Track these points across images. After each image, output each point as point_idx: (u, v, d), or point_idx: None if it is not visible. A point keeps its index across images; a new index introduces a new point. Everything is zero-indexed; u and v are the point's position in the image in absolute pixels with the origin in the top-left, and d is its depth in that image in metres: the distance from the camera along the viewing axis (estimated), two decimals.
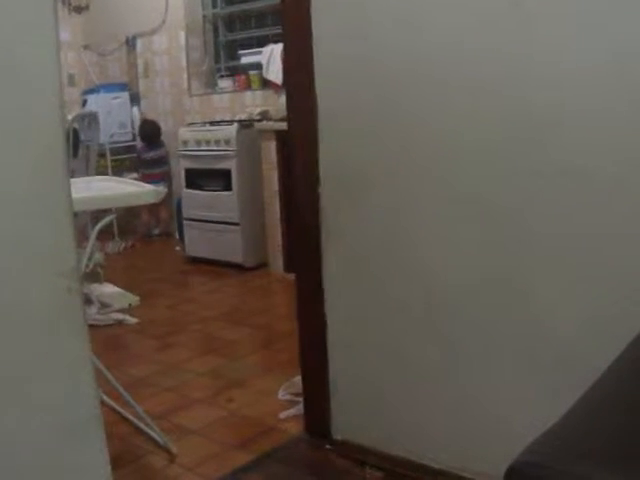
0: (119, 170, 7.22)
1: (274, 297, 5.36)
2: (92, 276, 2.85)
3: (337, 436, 2.83)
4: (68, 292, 1.68)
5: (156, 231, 7.45)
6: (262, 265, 5.90)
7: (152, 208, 7.35)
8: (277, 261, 5.70)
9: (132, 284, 5.60)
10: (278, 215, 5.60)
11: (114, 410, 3.25)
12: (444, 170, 2.34)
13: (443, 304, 2.43)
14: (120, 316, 4.48)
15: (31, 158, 1.59)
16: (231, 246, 5.93)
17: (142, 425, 3.07)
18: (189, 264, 6.31)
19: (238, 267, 5.93)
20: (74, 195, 2.38)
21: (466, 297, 2.37)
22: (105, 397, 3.30)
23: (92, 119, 5.29)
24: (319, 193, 2.64)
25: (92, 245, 2.61)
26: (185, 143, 6.17)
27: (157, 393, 3.54)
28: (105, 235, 6.95)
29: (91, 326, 3.93)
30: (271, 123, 5.60)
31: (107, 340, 4.26)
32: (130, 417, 3.17)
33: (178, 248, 6.73)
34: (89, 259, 2.61)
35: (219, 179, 5.94)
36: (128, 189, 2.72)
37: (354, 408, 2.77)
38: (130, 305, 2.93)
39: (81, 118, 5.12)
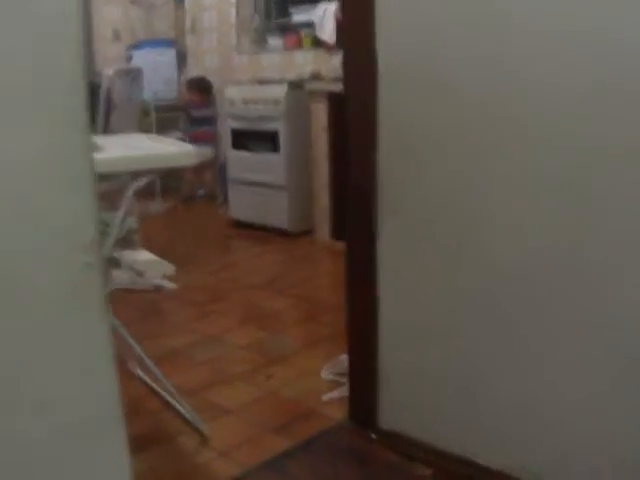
0: (163, 128, 7.02)
1: (319, 266, 5.13)
2: (125, 242, 2.64)
3: (384, 426, 2.59)
4: (87, 268, 1.45)
5: (200, 192, 7.25)
6: (308, 232, 5.66)
7: (197, 169, 7.15)
8: (323, 228, 5.46)
9: (172, 247, 5.44)
10: (326, 180, 5.35)
11: (146, 384, 3.06)
12: (523, 139, 2.06)
13: (509, 291, 2.16)
14: (158, 281, 4.29)
15: (43, 112, 1.35)
16: (277, 210, 5.70)
17: (174, 402, 2.86)
18: (232, 227, 6.10)
19: (283, 233, 5.70)
20: (100, 155, 2.19)
21: (534, 284, 2.10)
22: (138, 370, 3.12)
23: (136, 75, 5.06)
24: (377, 159, 2.38)
25: (125, 210, 2.39)
26: (232, 103, 5.93)
27: (192, 366, 3.34)
28: (146, 195, 6.77)
29: (127, 290, 3.78)
30: (322, 84, 5.34)
31: (143, 306, 4.06)
32: (162, 392, 2.96)
33: (222, 211, 6.53)
34: (121, 224, 2.40)
35: (266, 141, 5.69)
36: (165, 149, 2.49)
37: (404, 397, 2.53)
38: (165, 275, 2.72)
39: (124, 74, 4.88)
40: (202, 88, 6.92)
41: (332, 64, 5.89)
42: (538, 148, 2.02)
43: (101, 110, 4.49)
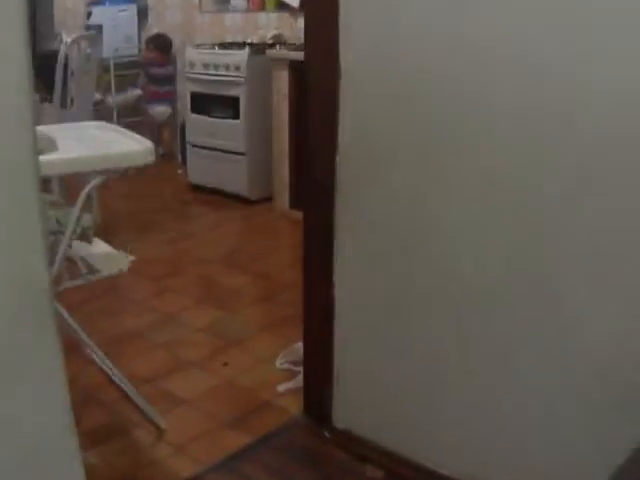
0: (122, 85, 6.92)
1: (278, 237, 5.12)
2: (80, 236, 2.61)
3: (338, 424, 2.62)
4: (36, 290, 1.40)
5: (159, 151, 7.17)
6: (267, 199, 5.65)
7: (156, 128, 7.08)
8: (282, 196, 5.44)
9: (129, 212, 5.41)
10: (287, 148, 5.32)
11: (102, 371, 3.06)
12: (481, 151, 2.06)
13: (466, 299, 2.18)
14: (114, 252, 4.26)
15: None
16: (236, 177, 5.67)
17: (130, 391, 2.87)
18: (191, 191, 6.06)
19: (242, 199, 5.68)
20: (55, 156, 2.15)
21: (492, 294, 2.12)
22: (95, 355, 3.12)
23: (94, 41, 4.94)
24: (336, 160, 2.37)
25: (79, 209, 2.36)
26: (192, 65, 5.83)
27: (149, 350, 3.34)
28: None
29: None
30: (284, 52, 5.26)
31: (99, 282, 4.04)
32: (117, 381, 2.96)
33: (180, 172, 6.49)
34: (76, 223, 2.37)
35: (227, 106, 5.63)
36: (124, 147, 2.46)
37: (358, 397, 2.57)
38: (121, 270, 2.71)
39: (83, 40, 4.75)
40: (161, 46, 6.79)
41: (296, 28, 5.82)
42: (496, 161, 2.03)
43: (57, 79, 4.39)
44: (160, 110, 6.92)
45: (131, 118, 6.91)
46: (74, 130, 2.73)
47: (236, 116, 5.56)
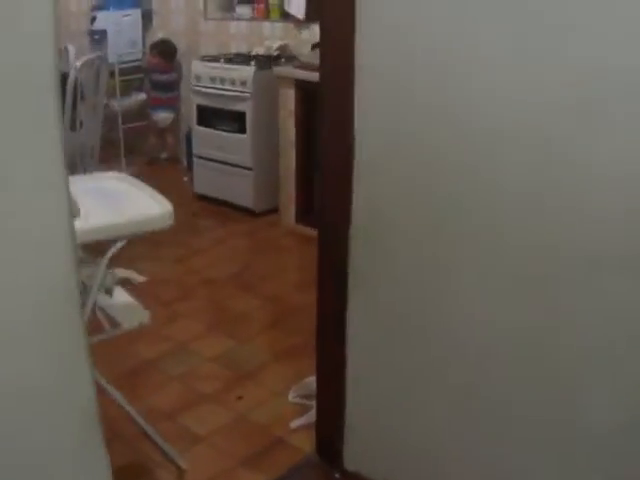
0: (127, 90, 6.99)
1: (285, 255, 5.22)
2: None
3: (349, 466, 2.76)
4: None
5: (163, 155, 7.27)
6: (272, 210, 5.76)
7: (159, 132, 7.17)
8: (289, 210, 5.55)
9: None
10: (293, 164, 5.41)
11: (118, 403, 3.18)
12: (491, 232, 2.17)
13: (465, 369, 2.32)
14: (126, 273, 4.37)
15: None
16: (242, 189, 5.77)
17: (149, 431, 2.99)
18: (197, 201, 6.15)
19: (248, 211, 5.79)
20: (79, 224, 2.25)
21: (492, 366, 2.26)
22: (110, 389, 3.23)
23: (102, 62, 5.00)
24: (348, 245, 2.49)
25: (102, 271, 2.47)
26: (198, 78, 5.91)
27: (164, 383, 3.47)
28: (111, 156, 6.78)
29: None
30: (290, 69, 5.33)
31: None
32: (136, 417, 3.08)
33: (186, 179, 6.58)
34: (100, 286, 2.48)
35: (233, 120, 5.72)
36: (146, 212, 2.57)
37: (369, 443, 2.70)
38: (142, 323, 2.81)
39: (92, 63, 4.81)
40: (165, 53, 6.82)
41: (302, 39, 5.91)
42: (505, 245, 2.15)
43: (67, 103, 4.47)
44: (163, 116, 7.00)
45: (135, 122, 7.01)
46: (91, 183, 2.82)
47: (242, 130, 5.65)
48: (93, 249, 2.64)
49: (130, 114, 7.04)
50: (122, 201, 2.67)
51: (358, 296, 2.54)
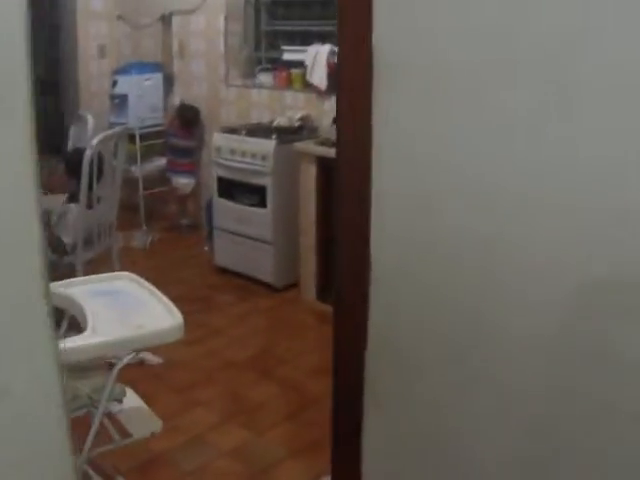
0: (148, 155, 6.96)
1: (305, 335, 5.06)
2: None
3: None
4: None
5: (184, 221, 7.20)
6: (292, 285, 5.66)
7: (180, 198, 7.13)
8: (309, 287, 5.44)
9: None
10: (314, 242, 5.31)
11: None
12: (506, 370, 2.05)
13: None
14: (141, 354, 4.26)
15: None
16: (262, 264, 5.67)
17: None
18: (217, 274, 6.05)
19: (268, 286, 5.69)
20: (83, 341, 2.15)
21: None
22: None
23: (120, 138, 4.92)
24: (365, 357, 2.36)
25: (111, 385, 2.36)
26: (219, 150, 5.84)
27: (177, 479, 3.34)
28: (131, 225, 6.72)
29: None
30: (312, 146, 5.25)
31: None
32: None
33: (207, 248, 6.48)
34: (108, 399, 2.38)
35: (253, 194, 5.63)
36: (158, 324, 2.47)
37: None
38: (154, 433, 2.70)
39: (109, 140, 4.73)
40: (185, 119, 6.79)
41: (324, 110, 5.85)
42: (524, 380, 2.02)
43: (84, 181, 4.38)
44: (183, 183, 6.93)
45: (156, 188, 6.97)
46: (100, 285, 2.73)
47: (263, 204, 5.56)
48: None
49: (151, 179, 7.01)
50: (131, 309, 2.57)
51: (376, 413, 2.42)
